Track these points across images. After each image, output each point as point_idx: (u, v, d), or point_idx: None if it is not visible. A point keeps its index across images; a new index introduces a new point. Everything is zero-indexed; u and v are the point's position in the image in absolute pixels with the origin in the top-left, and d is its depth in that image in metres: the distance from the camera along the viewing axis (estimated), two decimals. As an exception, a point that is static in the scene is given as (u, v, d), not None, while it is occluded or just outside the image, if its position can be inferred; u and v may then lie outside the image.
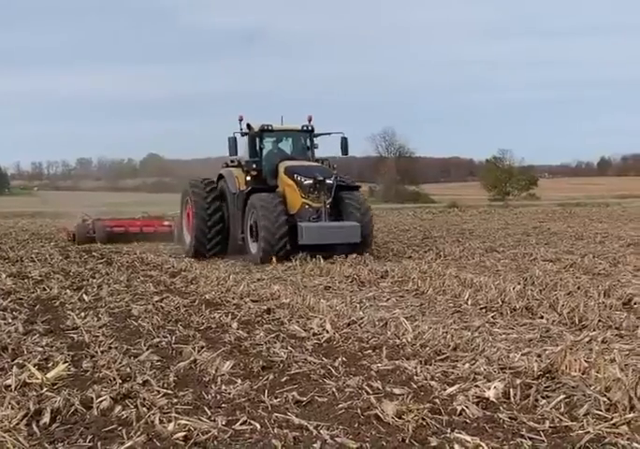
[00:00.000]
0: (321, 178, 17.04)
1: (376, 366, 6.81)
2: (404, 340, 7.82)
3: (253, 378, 6.55)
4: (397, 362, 6.85)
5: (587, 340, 7.64)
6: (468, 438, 4.74)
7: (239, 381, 6.40)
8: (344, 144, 18.72)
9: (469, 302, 10.30)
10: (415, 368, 6.60)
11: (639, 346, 7.09)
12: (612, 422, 5.00)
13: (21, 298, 11.74)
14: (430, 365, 6.76)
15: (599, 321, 8.52)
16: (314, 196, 17.04)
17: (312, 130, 18.72)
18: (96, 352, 7.66)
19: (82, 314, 9.95)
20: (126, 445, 4.81)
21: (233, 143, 18.28)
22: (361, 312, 9.40)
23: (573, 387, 5.77)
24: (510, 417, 5.23)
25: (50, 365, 7.04)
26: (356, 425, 5.22)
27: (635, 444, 4.63)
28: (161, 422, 5.23)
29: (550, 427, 5.05)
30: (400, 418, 5.24)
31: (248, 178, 18.03)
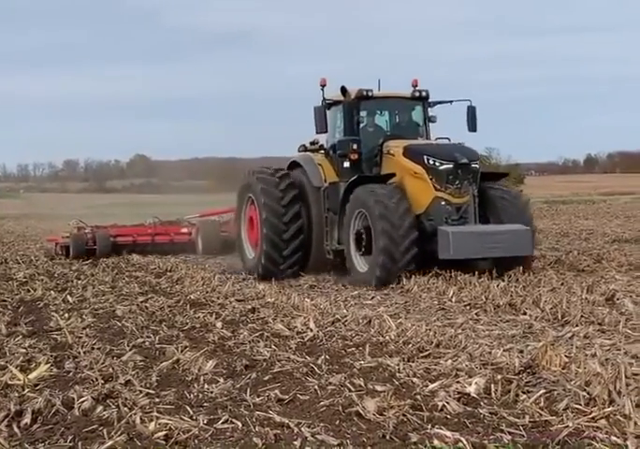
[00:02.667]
0: (464, 161, 12.23)
1: (359, 363, 6.83)
2: (387, 337, 7.84)
3: (235, 377, 6.54)
4: (380, 359, 6.86)
5: (569, 335, 7.69)
6: (448, 433, 4.76)
7: (221, 380, 6.40)
8: (472, 116, 13.73)
9: (453, 299, 10.34)
10: (398, 365, 6.62)
11: (620, 341, 7.13)
12: (591, 416, 5.03)
13: (5, 300, 11.71)
14: (413, 362, 6.78)
15: (581, 316, 8.57)
16: (455, 188, 12.23)
17: (427, 97, 13.79)
18: (79, 352, 7.64)
19: (66, 315, 9.92)
20: (107, 445, 4.80)
21: (321, 115, 13.32)
22: (345, 311, 9.42)
23: (553, 382, 5.80)
24: (490, 412, 5.25)
25: (32, 366, 7.02)
26: (337, 422, 5.22)
27: (614, 438, 4.66)
28: (142, 421, 5.21)
29: (530, 421, 5.07)
30: (381, 415, 5.25)
31: (345, 164, 13.13)
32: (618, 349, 6.53)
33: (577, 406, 5.24)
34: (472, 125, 13.73)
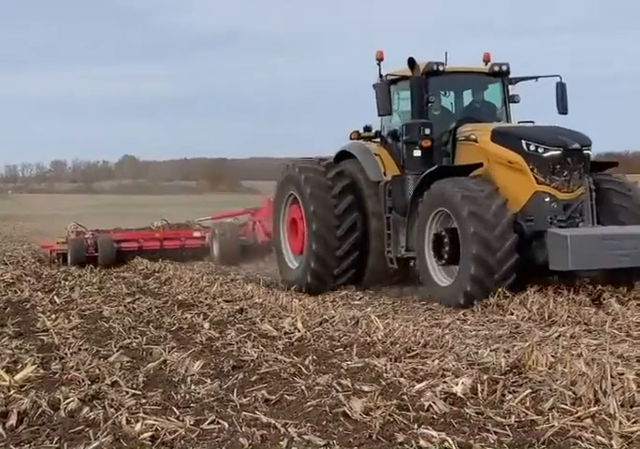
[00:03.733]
0: (575, 146, 10.01)
1: (346, 364, 6.84)
2: (375, 337, 7.85)
3: (223, 377, 6.54)
4: (367, 360, 6.87)
5: (555, 335, 7.72)
6: (434, 433, 4.77)
7: (208, 380, 6.39)
8: (562, 94, 11.34)
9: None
10: (385, 365, 6.63)
11: (606, 341, 7.17)
12: (577, 415, 5.05)
13: (-8, 301, 11.64)
14: (400, 362, 6.79)
15: (568, 317, 8.61)
16: (563, 181, 9.98)
17: (508, 72, 11.50)
18: (66, 353, 7.61)
19: (53, 316, 9.87)
20: (93, 446, 4.78)
21: (384, 94, 11.09)
22: (333, 311, 9.42)
23: (539, 382, 5.83)
24: (477, 412, 5.26)
25: (18, 367, 6.99)
26: (324, 422, 5.23)
27: (599, 437, 4.68)
28: (128, 422, 5.20)
29: (516, 421, 5.09)
30: (367, 415, 5.26)
31: (416, 153, 10.92)
32: (604, 349, 6.56)
33: (563, 406, 5.26)
34: (562, 106, 11.30)
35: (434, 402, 5.45)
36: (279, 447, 4.71)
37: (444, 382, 5.92)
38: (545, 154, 9.97)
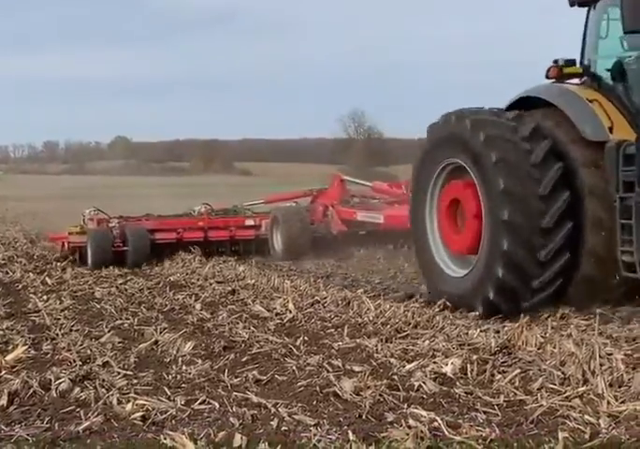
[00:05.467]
0: None
1: (337, 344, 6.86)
2: (366, 318, 7.88)
3: (214, 358, 6.56)
4: (358, 340, 6.90)
5: (545, 315, 7.73)
6: (424, 413, 4.80)
7: (199, 361, 6.42)
8: None
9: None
10: (376, 345, 6.66)
11: (595, 322, 7.18)
12: (565, 395, 5.09)
13: (-17, 283, 11.63)
14: (391, 342, 6.82)
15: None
16: None
17: None
18: (57, 334, 7.62)
19: (45, 297, 9.89)
20: (83, 426, 4.79)
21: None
22: (325, 292, 9.43)
23: (528, 362, 5.87)
24: (466, 392, 5.30)
25: (9, 348, 7.00)
26: (314, 402, 5.25)
27: (587, 417, 4.71)
28: (119, 402, 5.22)
29: (505, 400, 5.12)
30: (357, 395, 5.28)
31: None
32: (594, 329, 6.59)
33: (552, 385, 5.30)
34: None
35: (424, 382, 5.48)
36: (269, 427, 4.73)
37: (434, 362, 5.95)
38: None
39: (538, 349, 6.13)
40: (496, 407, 4.99)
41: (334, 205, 14.18)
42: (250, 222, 14.31)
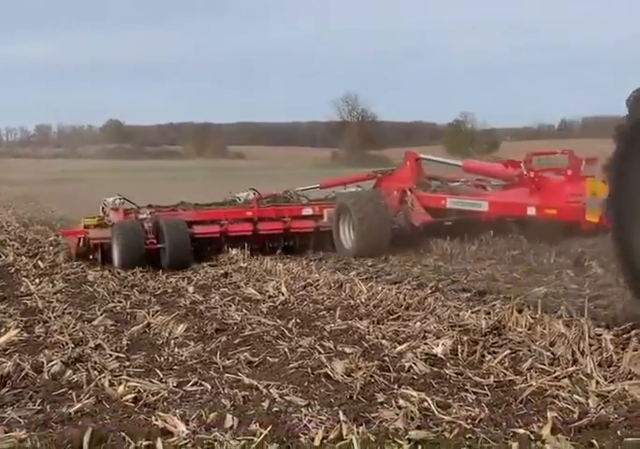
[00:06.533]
0: None
1: (329, 326, 6.89)
2: (358, 300, 7.90)
3: (206, 340, 6.59)
4: (350, 322, 6.93)
5: (536, 296, 7.75)
6: (414, 393, 4.83)
7: (192, 343, 6.44)
8: None
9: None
10: (368, 327, 6.69)
11: (586, 303, 7.20)
12: (554, 375, 5.12)
13: (-24, 266, 11.61)
14: (383, 324, 6.85)
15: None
16: None
17: None
18: (50, 317, 7.64)
19: (37, 281, 9.90)
20: (75, 408, 4.81)
21: None
22: (317, 275, 9.45)
23: (518, 343, 5.89)
24: (456, 373, 5.33)
25: (2, 330, 7.00)
26: (305, 383, 5.28)
27: (576, 396, 4.75)
28: (111, 385, 5.25)
29: (495, 381, 5.15)
30: (349, 376, 5.32)
31: None
32: (583, 311, 6.61)
33: (541, 366, 5.34)
34: None
35: (415, 363, 5.52)
36: (261, 408, 4.76)
37: (425, 343, 5.98)
38: None
39: (528, 330, 6.15)
40: (486, 387, 5.03)
41: (412, 189, 11.71)
42: (308, 210, 12.03)
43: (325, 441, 4.19)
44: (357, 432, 4.22)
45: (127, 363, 5.88)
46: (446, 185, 12.21)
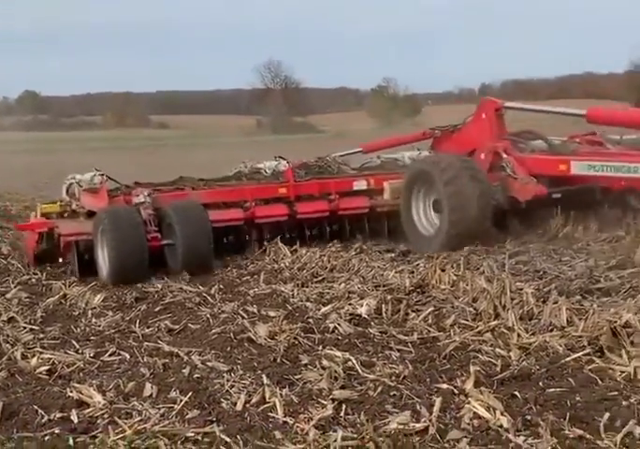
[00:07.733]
0: None
1: (253, 291, 6.79)
2: (282, 264, 7.81)
3: (125, 310, 6.42)
4: (274, 286, 6.85)
5: (463, 254, 7.74)
6: (338, 353, 4.78)
7: (110, 313, 6.27)
8: None
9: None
10: (292, 291, 6.62)
11: (505, 259, 7.21)
12: (477, 330, 5.15)
13: None
14: (307, 287, 6.79)
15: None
16: None
17: None
18: (-40, 292, 7.31)
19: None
20: (-14, 382, 4.61)
21: None
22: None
23: (442, 300, 5.91)
24: (380, 332, 5.30)
25: None
26: (228, 348, 5.18)
27: (498, 350, 4.77)
28: (24, 357, 5.07)
29: (419, 338, 5.15)
30: (272, 339, 5.24)
31: None
32: (503, 265, 6.66)
33: (464, 321, 5.35)
34: None
35: (339, 324, 5.47)
36: (181, 375, 4.63)
37: (350, 304, 5.94)
38: None
39: (451, 287, 6.18)
40: (410, 344, 5.01)
41: (508, 150, 8.50)
42: (361, 184, 9.06)
43: (247, 405, 4.10)
44: (281, 395, 4.15)
45: (42, 335, 5.69)
46: (551, 144, 8.76)
